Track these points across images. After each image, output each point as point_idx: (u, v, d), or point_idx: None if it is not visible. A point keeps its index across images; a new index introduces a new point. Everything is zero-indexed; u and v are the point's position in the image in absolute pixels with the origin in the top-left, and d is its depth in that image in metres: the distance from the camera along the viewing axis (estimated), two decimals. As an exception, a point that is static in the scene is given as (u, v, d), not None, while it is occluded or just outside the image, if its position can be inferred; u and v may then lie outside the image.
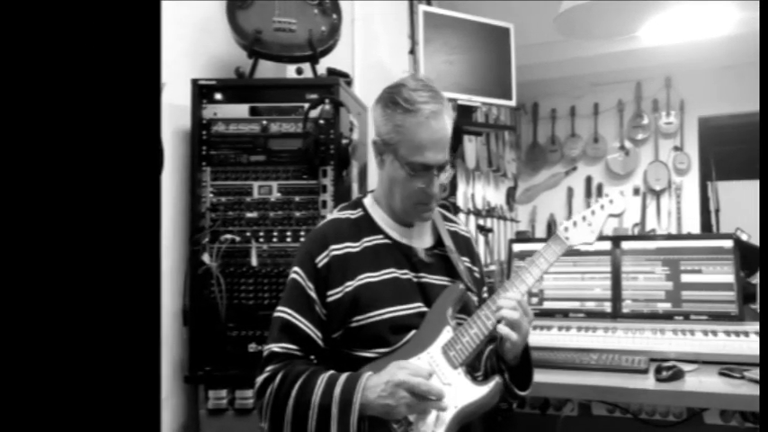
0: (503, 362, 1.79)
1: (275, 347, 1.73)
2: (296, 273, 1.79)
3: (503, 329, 1.69)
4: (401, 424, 1.62)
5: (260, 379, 1.71)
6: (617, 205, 1.88)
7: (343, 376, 1.64)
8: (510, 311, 1.70)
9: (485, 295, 2.01)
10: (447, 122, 1.76)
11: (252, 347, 2.60)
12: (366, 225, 1.86)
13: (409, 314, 1.76)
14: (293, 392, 1.63)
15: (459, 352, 1.71)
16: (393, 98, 1.74)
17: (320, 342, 1.75)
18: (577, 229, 1.86)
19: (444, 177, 1.79)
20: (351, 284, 1.74)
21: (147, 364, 1.08)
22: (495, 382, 1.70)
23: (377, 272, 1.77)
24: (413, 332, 1.74)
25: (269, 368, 1.71)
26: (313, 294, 1.74)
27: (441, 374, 1.69)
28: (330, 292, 1.74)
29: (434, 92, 1.75)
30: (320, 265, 1.76)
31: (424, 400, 1.60)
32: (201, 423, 2.66)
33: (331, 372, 1.67)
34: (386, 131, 1.76)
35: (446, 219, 2.02)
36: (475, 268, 2.01)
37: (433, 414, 1.64)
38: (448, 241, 1.91)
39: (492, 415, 1.81)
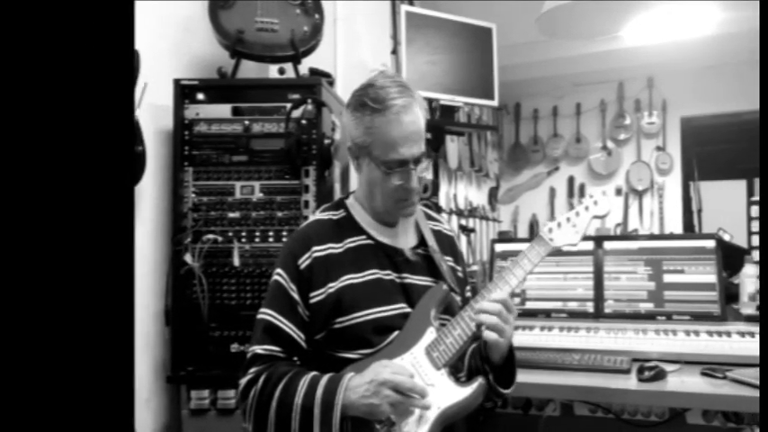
0: (487, 362, 1.79)
1: (258, 349, 1.72)
2: (278, 274, 1.78)
3: (487, 334, 1.69)
4: (384, 424, 1.61)
5: (243, 381, 1.70)
6: (601, 207, 1.88)
7: (325, 377, 1.63)
8: (488, 317, 1.69)
9: (468, 294, 2.00)
10: (418, 114, 1.75)
11: (234, 347, 2.59)
12: (349, 226, 1.85)
13: (392, 315, 1.75)
14: (276, 394, 1.63)
15: (443, 353, 1.70)
16: (361, 100, 1.74)
17: (303, 343, 1.74)
18: (561, 230, 1.86)
19: (422, 169, 1.78)
20: (333, 285, 1.73)
21: (119, 367, 1.07)
22: (478, 383, 1.70)
23: (359, 273, 1.76)
24: (396, 333, 1.74)
25: (252, 370, 1.70)
26: (296, 296, 1.73)
27: (424, 375, 1.68)
28: (313, 294, 1.73)
29: (403, 86, 1.75)
30: (303, 266, 1.75)
31: (407, 398, 1.59)
32: (184, 423, 2.64)
33: (314, 373, 1.66)
34: (358, 135, 1.77)
35: (429, 218, 2.01)
36: (458, 267, 2.00)
37: (415, 415, 1.63)
38: (431, 241, 1.91)
39: (475, 414, 1.81)
